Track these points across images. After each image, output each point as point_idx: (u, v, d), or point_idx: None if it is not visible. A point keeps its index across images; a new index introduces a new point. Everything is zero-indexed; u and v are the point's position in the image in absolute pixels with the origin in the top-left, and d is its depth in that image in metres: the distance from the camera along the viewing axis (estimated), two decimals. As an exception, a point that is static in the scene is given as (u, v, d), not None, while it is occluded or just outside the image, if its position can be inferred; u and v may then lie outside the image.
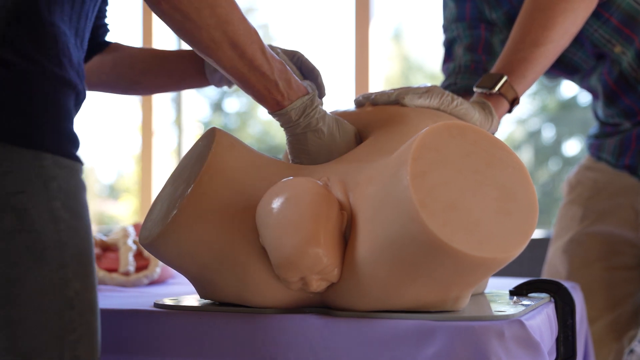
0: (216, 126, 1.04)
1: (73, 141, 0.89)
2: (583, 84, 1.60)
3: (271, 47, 1.12)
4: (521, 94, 1.23)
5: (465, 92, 1.50)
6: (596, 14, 1.43)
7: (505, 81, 1.21)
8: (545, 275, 1.68)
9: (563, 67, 1.55)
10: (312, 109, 1.04)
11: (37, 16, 0.88)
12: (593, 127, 1.69)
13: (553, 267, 1.64)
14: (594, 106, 1.66)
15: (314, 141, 1.05)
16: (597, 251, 1.58)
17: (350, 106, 1.18)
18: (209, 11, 0.93)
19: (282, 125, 1.06)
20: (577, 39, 1.48)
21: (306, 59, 1.15)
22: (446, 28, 1.63)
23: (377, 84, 2.81)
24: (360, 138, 1.10)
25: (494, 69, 1.25)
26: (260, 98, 1.02)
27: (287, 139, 1.08)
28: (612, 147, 1.58)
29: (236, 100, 9.07)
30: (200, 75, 1.24)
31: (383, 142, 1.03)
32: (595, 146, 1.64)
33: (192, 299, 1.05)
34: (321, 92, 1.13)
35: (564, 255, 1.62)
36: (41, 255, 0.83)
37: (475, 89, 1.23)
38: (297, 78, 1.03)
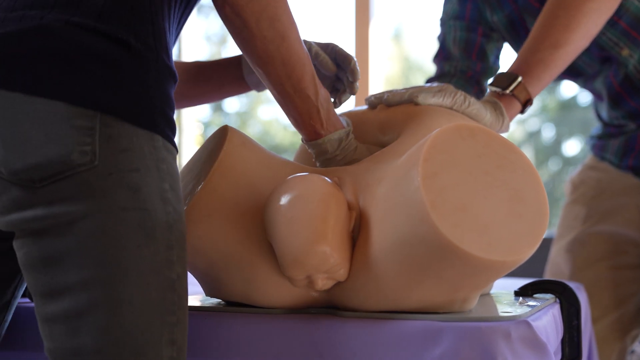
0: (215, 126, 1.04)
1: (174, 128, 0.91)
2: (587, 86, 1.60)
3: (305, 42, 1.12)
4: (534, 96, 1.22)
5: None
6: None
7: (520, 82, 1.20)
8: (548, 274, 1.68)
9: (567, 71, 1.54)
10: (348, 142, 1.04)
11: (154, 11, 0.91)
12: (595, 127, 1.69)
13: (556, 267, 1.64)
14: (596, 107, 1.66)
15: None
16: (601, 250, 1.58)
17: (350, 106, 1.18)
18: (267, 23, 0.94)
19: (316, 158, 1.06)
20: None
21: (340, 48, 1.15)
22: (444, 22, 1.63)
23: (377, 84, 2.81)
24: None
25: (510, 68, 1.24)
26: (300, 122, 1.02)
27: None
28: (616, 148, 1.58)
29: (236, 100, 9.06)
30: (239, 81, 1.25)
31: (396, 143, 1.03)
32: (599, 146, 1.64)
33: (197, 299, 1.05)
34: (355, 76, 1.13)
35: (567, 254, 1.62)
36: (151, 233, 0.84)
37: (489, 88, 1.23)
38: (336, 112, 1.04)
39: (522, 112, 1.23)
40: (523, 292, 1.07)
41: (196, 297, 1.08)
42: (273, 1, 0.93)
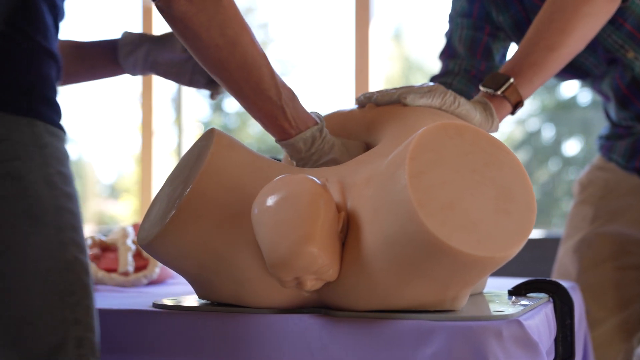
0: (216, 126, 1.04)
1: (58, 110, 0.91)
2: (594, 87, 1.60)
3: None
4: (526, 98, 1.22)
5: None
6: (610, 19, 1.43)
7: (511, 84, 1.20)
8: (555, 275, 1.67)
9: (574, 71, 1.55)
10: (322, 140, 1.04)
11: None
12: (604, 127, 1.69)
13: (563, 267, 1.64)
14: (605, 107, 1.66)
15: None
16: (608, 251, 1.58)
17: (351, 106, 1.18)
18: (218, 32, 0.94)
19: (291, 157, 1.05)
20: (590, 43, 1.47)
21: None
22: (452, 19, 1.62)
23: (377, 84, 2.81)
24: (367, 148, 1.10)
25: (502, 69, 1.24)
26: (266, 124, 1.02)
27: None
28: (623, 149, 1.58)
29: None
30: (112, 64, 1.26)
31: (382, 144, 1.03)
32: (607, 147, 1.64)
33: (191, 299, 1.05)
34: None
35: (574, 255, 1.61)
36: (39, 219, 0.84)
37: (480, 88, 1.22)
38: (305, 108, 1.03)
39: (512, 113, 1.23)
40: (516, 292, 1.07)
41: (191, 297, 1.08)
42: (222, 9, 0.93)
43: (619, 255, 1.58)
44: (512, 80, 1.20)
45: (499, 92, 1.19)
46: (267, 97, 0.98)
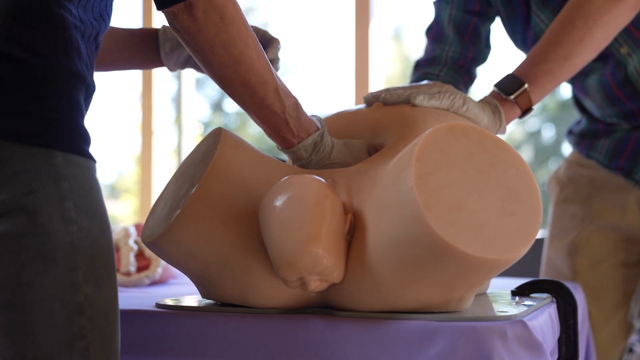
0: (216, 126, 1.04)
1: (84, 137, 0.87)
2: (576, 82, 1.57)
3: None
4: (535, 104, 1.21)
5: None
6: None
7: (524, 90, 1.19)
8: (544, 276, 1.66)
9: None
10: (322, 145, 1.04)
11: (44, 7, 0.86)
12: (579, 122, 1.65)
13: (555, 269, 1.62)
14: (581, 101, 1.62)
15: None
16: (604, 251, 1.57)
17: (355, 106, 1.18)
18: (222, 49, 0.93)
19: (294, 162, 1.06)
20: None
21: (264, 31, 1.15)
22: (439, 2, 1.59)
23: (377, 84, 2.81)
24: (371, 147, 1.10)
25: (517, 70, 1.23)
26: (270, 134, 1.03)
27: None
28: (606, 148, 1.56)
29: (236, 100, 9.04)
30: (152, 56, 1.22)
31: (389, 145, 1.03)
32: (586, 145, 1.60)
33: (194, 300, 1.05)
34: (275, 65, 1.13)
35: (568, 257, 1.59)
36: (51, 258, 0.81)
37: (493, 87, 1.21)
38: (307, 114, 1.03)
39: (520, 117, 1.23)
40: (520, 292, 1.07)
41: (194, 297, 1.08)
42: (225, 26, 0.92)
43: (616, 253, 1.57)
44: (526, 86, 1.20)
45: (511, 97, 1.19)
46: (271, 112, 0.98)
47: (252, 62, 0.95)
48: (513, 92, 1.19)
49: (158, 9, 0.92)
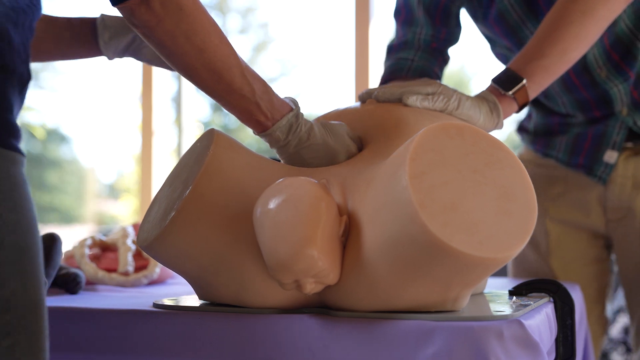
0: (215, 126, 1.04)
1: (11, 131, 0.84)
2: None
3: None
4: (531, 99, 1.21)
5: (421, 73, 1.46)
6: None
7: (523, 86, 1.19)
8: (515, 275, 1.64)
9: (516, 41, 1.49)
10: (298, 125, 1.03)
11: None
12: (529, 116, 1.63)
13: (526, 271, 1.61)
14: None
15: (310, 156, 1.04)
16: (575, 249, 1.57)
17: (350, 104, 1.18)
18: (183, 39, 0.92)
19: (271, 147, 1.05)
20: (540, 16, 1.44)
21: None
22: None
23: (377, 84, 2.81)
24: (355, 136, 1.09)
25: (514, 65, 1.22)
26: (243, 119, 1.01)
27: (284, 161, 1.06)
28: (564, 146, 1.54)
29: (236, 100, 9.04)
30: (90, 45, 1.20)
31: (381, 145, 1.03)
32: (543, 144, 1.58)
33: (191, 299, 1.05)
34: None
35: (537, 255, 1.59)
36: None
37: (491, 83, 1.21)
38: (279, 95, 1.02)
39: (517, 112, 1.22)
40: (517, 292, 1.07)
41: (191, 297, 1.08)
42: (185, 16, 0.91)
43: (586, 252, 1.57)
44: (524, 81, 1.19)
45: (510, 93, 1.19)
46: (240, 96, 0.98)
47: (216, 47, 0.94)
48: (511, 88, 1.19)
49: (113, 5, 0.91)
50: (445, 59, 1.54)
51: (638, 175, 1.48)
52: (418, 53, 1.50)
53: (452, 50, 1.58)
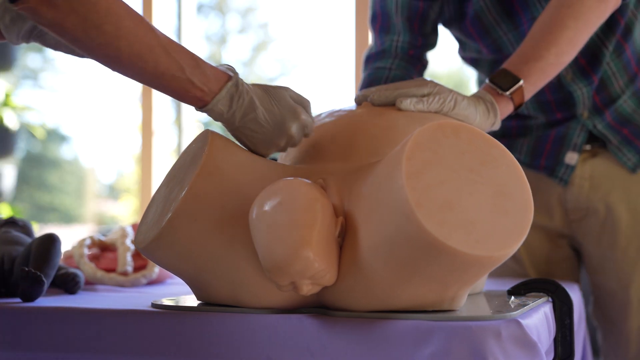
0: (215, 126, 1.03)
1: None
2: (495, 67, 1.54)
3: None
4: (526, 100, 1.22)
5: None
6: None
7: (520, 86, 1.20)
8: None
9: (489, 43, 1.51)
10: (239, 95, 0.98)
11: None
12: None
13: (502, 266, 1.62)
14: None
15: (256, 127, 1.00)
16: (539, 248, 1.58)
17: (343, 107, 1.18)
18: (95, 31, 0.88)
19: (216, 120, 1.00)
20: (515, 17, 1.46)
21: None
22: None
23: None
24: (299, 97, 1.04)
25: (510, 65, 1.22)
26: (180, 98, 0.97)
27: (231, 134, 1.02)
28: (526, 148, 1.55)
29: (236, 100, 9.05)
30: None
31: (374, 148, 1.03)
32: (504, 145, 1.59)
33: (190, 300, 1.05)
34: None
35: (511, 259, 1.60)
36: None
37: (487, 82, 1.21)
38: (213, 64, 0.97)
39: (512, 112, 1.23)
40: (515, 292, 1.07)
41: (190, 297, 1.08)
42: (92, 6, 0.87)
43: (550, 251, 1.59)
44: (522, 82, 1.20)
45: (507, 93, 1.19)
46: (170, 76, 0.93)
47: (131, 31, 0.90)
48: (509, 88, 1.19)
49: (11, 2, 0.87)
50: (423, 64, 1.56)
51: (595, 176, 1.52)
52: (395, 61, 1.51)
53: (432, 54, 1.59)
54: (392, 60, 1.51)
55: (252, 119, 1.00)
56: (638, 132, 1.51)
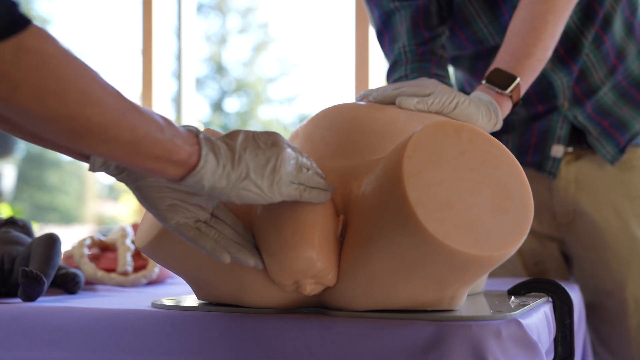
0: (216, 126, 1.03)
1: None
2: (478, 64, 1.55)
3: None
4: (520, 97, 1.23)
5: None
6: None
7: (517, 84, 1.20)
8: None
9: (470, 35, 1.52)
10: (217, 146, 0.81)
11: None
12: None
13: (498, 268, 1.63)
14: (471, 83, 1.61)
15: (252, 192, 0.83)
16: (526, 249, 1.59)
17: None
18: (55, 100, 0.68)
19: (207, 186, 0.81)
20: (495, 7, 1.47)
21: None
22: (379, 2, 1.54)
23: (377, 84, 2.81)
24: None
25: (503, 64, 1.23)
26: (160, 170, 0.78)
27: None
28: (511, 145, 1.56)
29: (236, 100, 9.06)
30: None
31: (374, 146, 1.03)
32: None
33: (191, 299, 1.05)
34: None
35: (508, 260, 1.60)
36: None
37: (484, 83, 1.22)
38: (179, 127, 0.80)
39: (510, 110, 1.23)
40: (515, 291, 1.07)
41: (190, 297, 1.08)
42: (50, 72, 0.68)
43: (536, 252, 1.59)
44: (518, 79, 1.21)
45: (506, 92, 1.20)
46: (151, 139, 0.75)
47: (99, 97, 0.71)
48: (507, 87, 1.20)
49: None
50: (439, 56, 1.52)
51: (580, 178, 1.53)
52: (408, 66, 1.50)
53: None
54: (405, 67, 1.51)
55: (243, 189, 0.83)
56: (617, 124, 1.52)
